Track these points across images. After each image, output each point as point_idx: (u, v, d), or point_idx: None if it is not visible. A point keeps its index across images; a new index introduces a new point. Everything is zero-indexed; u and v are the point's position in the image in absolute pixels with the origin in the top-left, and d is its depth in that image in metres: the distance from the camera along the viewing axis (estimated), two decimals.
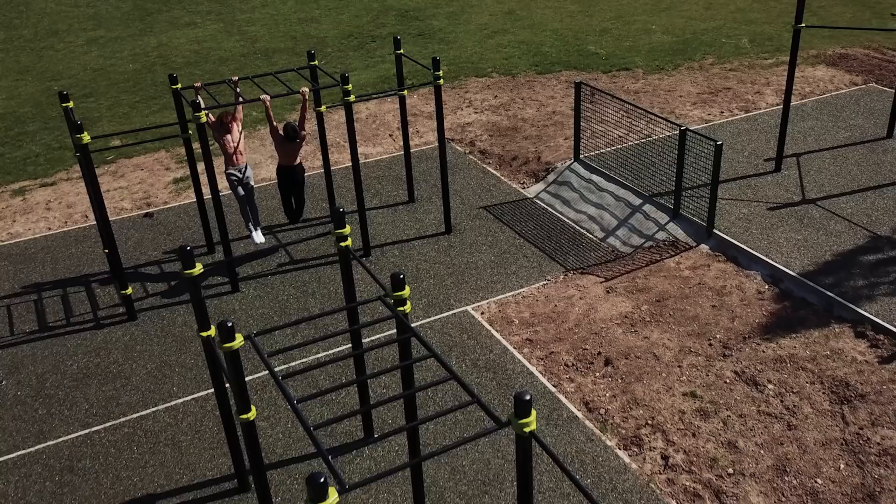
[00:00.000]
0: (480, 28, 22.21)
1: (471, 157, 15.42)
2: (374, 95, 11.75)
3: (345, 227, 7.67)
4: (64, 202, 14.37)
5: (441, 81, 11.92)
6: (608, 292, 11.15)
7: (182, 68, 20.51)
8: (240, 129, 11.78)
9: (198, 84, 11.45)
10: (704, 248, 11.78)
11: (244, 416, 6.45)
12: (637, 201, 12.98)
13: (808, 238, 11.61)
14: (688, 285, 11.04)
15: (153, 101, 18.60)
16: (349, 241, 7.72)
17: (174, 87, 11.47)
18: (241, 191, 11.85)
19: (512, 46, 20.58)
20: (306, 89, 11.45)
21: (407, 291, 6.80)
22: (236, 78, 11.67)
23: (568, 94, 17.43)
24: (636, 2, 23.71)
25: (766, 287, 10.85)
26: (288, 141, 11.65)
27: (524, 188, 14.32)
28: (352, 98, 11.30)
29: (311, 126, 15.54)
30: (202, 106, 10.96)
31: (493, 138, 15.89)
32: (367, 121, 16.99)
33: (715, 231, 11.81)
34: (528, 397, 5.01)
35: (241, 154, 11.77)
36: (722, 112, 16.08)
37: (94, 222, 13.63)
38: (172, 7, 25.80)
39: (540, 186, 14.26)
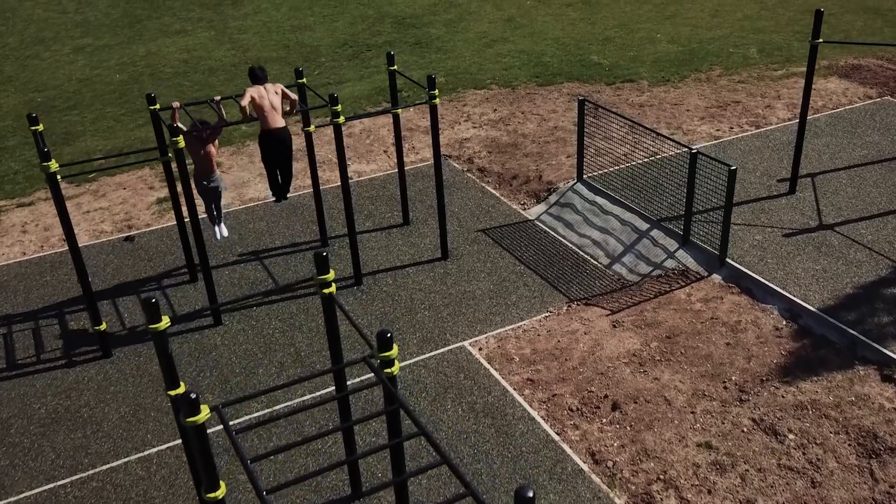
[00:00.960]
0: (479, 36, 21.52)
1: (469, 175, 14.73)
2: (365, 115, 11.04)
3: (328, 272, 6.97)
4: (41, 224, 13.66)
5: (437, 101, 11.23)
6: (615, 327, 10.45)
7: (170, 79, 19.81)
8: (215, 144, 11.15)
9: (176, 104, 10.75)
10: (717, 278, 11.08)
11: (211, 495, 5.75)
12: (644, 226, 12.28)
13: (827, 268, 10.91)
14: (700, 320, 10.35)
15: (139, 114, 17.89)
16: (333, 288, 7.02)
17: (152, 107, 10.77)
18: (207, 197, 11.32)
19: (512, 56, 19.89)
20: (292, 96, 10.83)
21: (395, 351, 6.11)
22: (218, 98, 10.97)
23: (570, 108, 16.74)
24: (640, 9, 23.02)
25: (784, 323, 10.15)
26: (260, 84, 10.66)
27: (525, 209, 13.62)
28: (341, 120, 10.61)
29: (295, 160, 14.82)
30: (181, 129, 10.30)
31: (492, 155, 15.20)
32: (361, 136, 16.29)
33: (728, 260, 11.12)
34: (530, 494, 4.32)
35: (213, 166, 11.18)
36: (731, 128, 15.38)
37: None
38: (163, 14, 25.10)
39: (541, 208, 13.57)
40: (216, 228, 11.69)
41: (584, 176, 13.65)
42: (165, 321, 6.45)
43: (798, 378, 9.28)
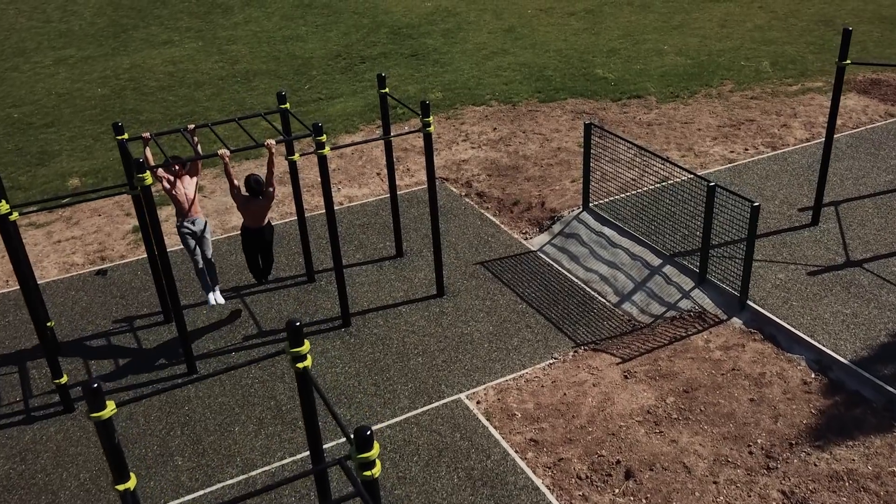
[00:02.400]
0: (478, 48, 20.59)
1: (467, 200, 13.81)
2: (352, 144, 10.12)
3: (302, 343, 6.03)
4: (6, 255, 12.73)
5: (431, 129, 10.31)
6: (626, 377, 9.52)
7: (154, 93, 18.89)
8: (196, 181, 10.19)
9: (146, 135, 9.85)
10: (737, 322, 10.15)
11: None
12: (656, 261, 11.36)
13: (857, 312, 9.98)
14: (720, 371, 9.42)
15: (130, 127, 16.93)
16: (309, 361, 6.08)
17: (120, 137, 9.85)
18: (192, 243, 10.26)
19: (512, 69, 18.97)
20: (272, 142, 9.81)
21: (376, 450, 5.17)
22: (192, 126, 10.05)
23: (574, 127, 15.82)
24: (645, 18, 22.10)
25: (813, 376, 9.22)
26: (252, 197, 10.02)
27: (526, 239, 12.71)
28: (326, 151, 9.69)
29: (279, 184, 13.90)
30: (150, 163, 9.42)
31: (491, 178, 14.28)
32: (353, 156, 15.37)
33: (749, 302, 10.19)
34: None
35: (195, 205, 10.20)
36: (746, 149, 14.46)
37: (39, 281, 12.01)
38: (150, 23, 24.18)
39: (544, 238, 12.65)
40: (209, 293, 10.51)
41: (591, 204, 12.73)
42: (110, 408, 5.53)
43: (831, 442, 8.36)
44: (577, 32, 21.34)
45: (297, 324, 6.00)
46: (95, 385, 5.45)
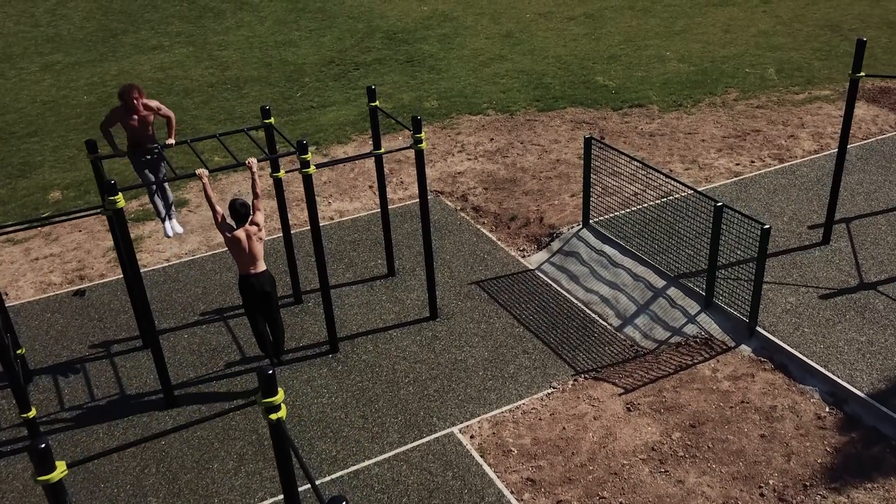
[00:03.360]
0: (475, 54, 20.05)
1: (462, 214, 13.28)
2: (340, 161, 9.58)
3: (276, 393, 5.50)
4: None
5: (423, 145, 9.77)
6: (629, 410, 8.99)
7: None
8: (151, 119, 9.61)
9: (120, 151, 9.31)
10: (746, 350, 9.61)
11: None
12: (660, 283, 10.82)
13: (873, 340, 9.44)
14: (728, 404, 8.88)
15: (103, 142, 16.38)
16: (283, 412, 5.55)
17: (93, 155, 9.32)
18: (148, 175, 9.72)
19: (510, 77, 18.43)
20: (254, 161, 9.26)
21: None
22: (171, 141, 9.52)
23: (574, 138, 15.28)
24: (646, 23, 21.55)
25: (827, 410, 8.68)
26: (239, 224, 9.24)
27: (524, 257, 12.17)
28: (311, 170, 9.15)
29: (265, 197, 13.35)
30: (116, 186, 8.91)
31: (488, 192, 13.74)
32: (344, 168, 14.84)
33: (758, 328, 9.66)
34: None
35: (151, 138, 9.65)
36: (753, 161, 13.93)
37: (14, 302, 11.49)
38: (140, 27, 23.64)
39: (542, 256, 12.11)
40: (165, 223, 9.98)
41: (591, 220, 12.20)
42: (60, 469, 5.01)
43: (848, 484, 7.82)
44: (577, 38, 20.80)
45: (270, 372, 5.48)
46: (43, 445, 4.93)
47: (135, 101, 9.38)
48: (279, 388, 5.54)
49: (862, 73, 10.22)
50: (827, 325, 9.71)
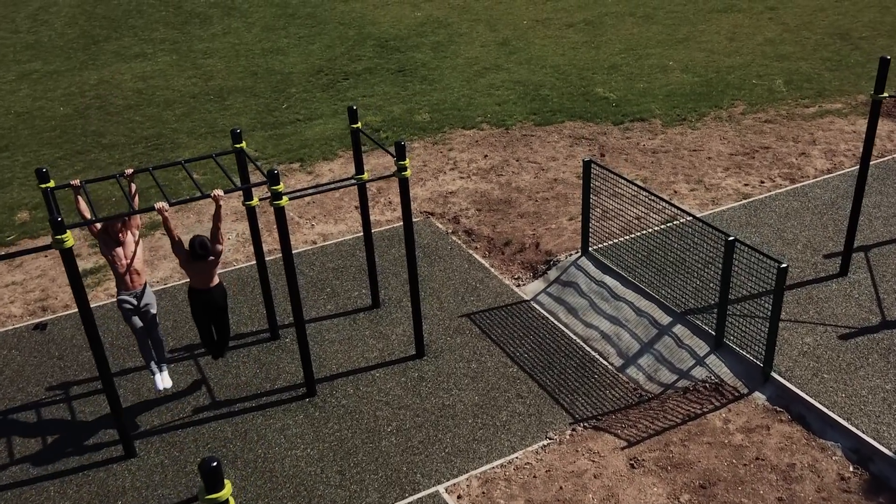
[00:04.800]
0: (470, 63, 19.23)
1: (454, 238, 12.46)
2: (314, 192, 8.78)
3: (221, 487, 4.68)
4: None
5: (407, 173, 8.96)
6: (633, 467, 8.17)
7: (121, 112, 17.53)
8: (136, 238, 8.81)
9: (76, 182, 8.50)
10: (760, 398, 8.79)
11: None
12: (665, 319, 10.00)
13: None
14: (742, 460, 8.06)
15: (79, 156, 15.62)
16: None
17: (44, 185, 8.49)
18: (137, 322, 8.86)
19: (506, 88, 17.61)
20: (219, 192, 8.43)
21: None
22: (130, 171, 8.69)
23: (572, 155, 14.46)
24: (648, 31, 20.73)
25: (851, 469, 7.86)
26: (195, 260, 8.65)
27: (519, 286, 11.36)
28: (283, 202, 8.33)
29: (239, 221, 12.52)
30: (85, 216, 8.14)
31: (481, 214, 12.92)
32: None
33: (773, 374, 8.84)
34: None
35: (139, 274, 8.78)
36: (762, 181, 13.11)
37: None
38: (123, 34, 22.81)
39: (539, 285, 11.30)
40: (156, 375, 9.09)
41: (590, 248, 11.38)
42: None
43: None
44: (576, 46, 19.98)
45: (215, 464, 4.66)
46: None
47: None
48: (226, 481, 4.73)
49: (885, 94, 9.41)
50: (848, 370, 8.89)
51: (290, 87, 18.40)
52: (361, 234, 12.57)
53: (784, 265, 8.17)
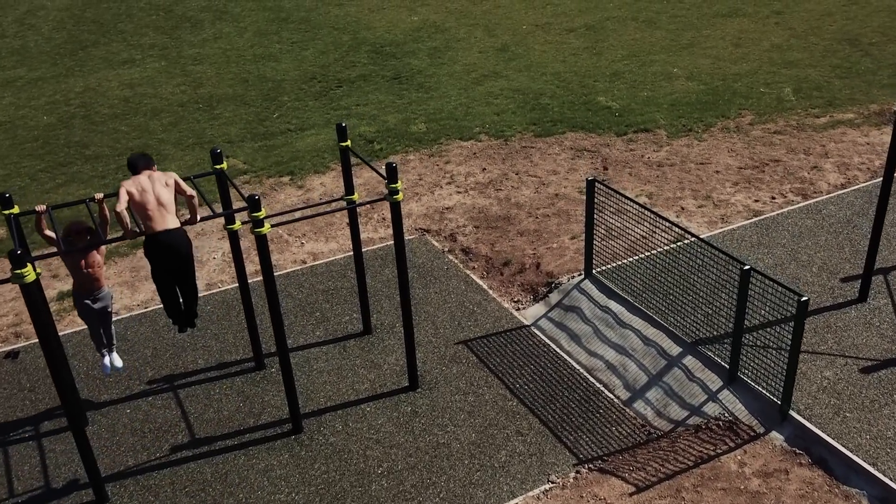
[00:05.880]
0: (467, 70, 18.63)
1: (450, 257, 11.87)
2: (303, 215, 8.19)
3: None
4: None
5: (399, 196, 8.36)
6: None
7: (106, 122, 16.93)
8: (101, 253, 8.30)
9: (41, 208, 7.90)
10: (778, 438, 8.19)
11: None
12: (674, 349, 9.41)
13: None
14: None
15: (61, 168, 15.02)
16: None
17: (7, 212, 7.89)
18: (92, 318, 8.51)
19: (505, 96, 17.01)
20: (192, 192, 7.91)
21: None
22: (100, 195, 8.10)
23: (574, 168, 13.86)
24: (651, 36, 20.13)
25: None
26: (141, 173, 7.84)
27: (519, 310, 10.77)
28: (265, 229, 7.74)
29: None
30: (51, 238, 7.60)
31: (479, 231, 12.33)
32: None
33: (791, 413, 8.24)
34: None
35: (98, 279, 8.37)
36: (773, 197, 12.52)
37: None
38: (112, 39, 22.20)
39: (540, 309, 10.71)
40: (105, 358, 8.83)
41: (594, 270, 10.79)
42: None
43: None
44: (577, 52, 19.38)
45: None
46: None
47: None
48: None
49: None
50: (872, 408, 8.29)
51: (281, 95, 17.80)
52: (353, 253, 11.99)
53: (805, 298, 7.58)
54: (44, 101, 18.28)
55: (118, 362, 8.89)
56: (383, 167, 8.34)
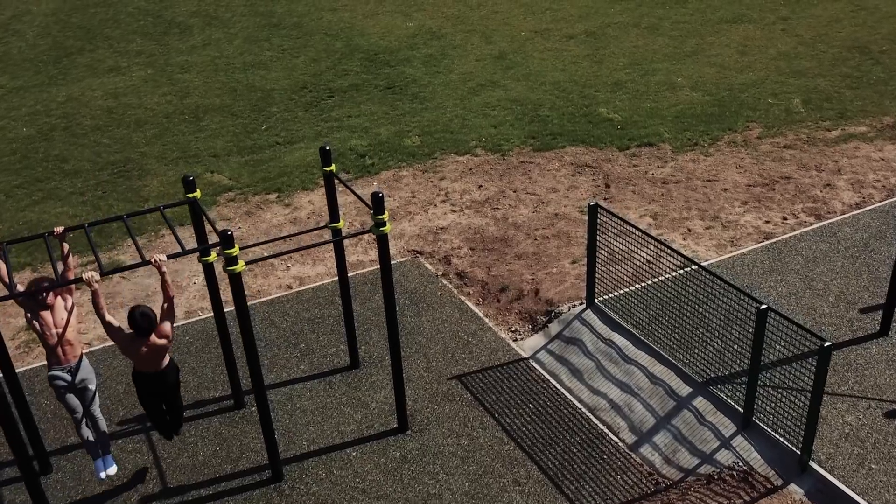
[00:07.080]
0: (464, 79, 17.97)
1: (444, 281, 11.23)
2: (281, 250, 7.54)
3: None
4: None
5: (386, 229, 7.72)
6: None
7: (87, 134, 16.27)
8: (68, 306, 7.58)
9: None
10: (797, 492, 7.55)
11: None
12: (684, 389, 8.76)
13: None
14: None
15: (38, 184, 14.37)
16: None
17: None
18: (73, 400, 7.64)
19: (503, 107, 16.35)
20: (161, 258, 7.19)
21: None
22: (60, 229, 7.45)
23: (574, 185, 13.22)
24: (654, 43, 19.47)
25: None
26: (139, 336, 7.40)
27: (516, 340, 10.14)
28: (240, 266, 7.09)
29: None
30: (4, 280, 6.97)
31: (475, 254, 11.69)
32: (308, 222, 12.77)
33: (811, 464, 7.60)
34: None
35: (72, 345, 7.57)
36: (785, 218, 11.88)
37: None
38: (98, 46, 21.53)
39: (539, 340, 10.07)
40: (96, 460, 7.87)
41: (596, 299, 10.14)
42: None
43: None
44: (577, 60, 18.73)
45: None
46: None
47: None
48: None
49: None
50: None
51: (270, 106, 17.14)
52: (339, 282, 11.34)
53: (828, 344, 6.93)
54: (25, 111, 17.62)
55: (111, 470, 7.88)
56: (375, 184, 7.68)
